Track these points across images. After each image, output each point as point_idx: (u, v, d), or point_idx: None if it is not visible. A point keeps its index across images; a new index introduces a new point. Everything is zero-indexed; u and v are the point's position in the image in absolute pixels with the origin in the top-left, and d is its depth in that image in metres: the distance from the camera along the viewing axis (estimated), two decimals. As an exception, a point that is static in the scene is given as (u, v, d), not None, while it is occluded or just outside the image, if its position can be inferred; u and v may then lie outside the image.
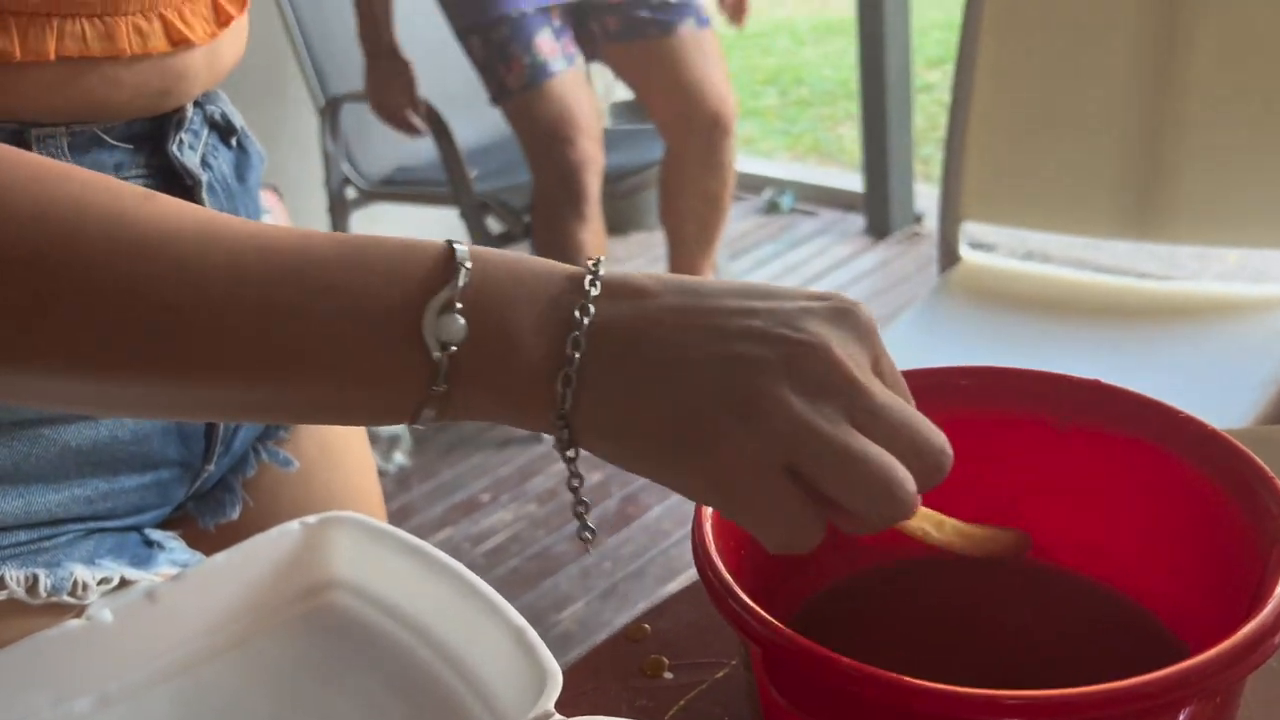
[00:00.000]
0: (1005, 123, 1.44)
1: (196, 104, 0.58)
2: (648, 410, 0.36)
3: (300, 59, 2.21)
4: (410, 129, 2.06)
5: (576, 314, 0.36)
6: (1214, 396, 1.15)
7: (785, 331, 0.36)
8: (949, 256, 1.48)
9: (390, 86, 2.01)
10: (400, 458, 2.14)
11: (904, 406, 0.37)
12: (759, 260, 2.83)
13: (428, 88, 2.05)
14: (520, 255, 0.39)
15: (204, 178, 0.57)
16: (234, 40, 0.58)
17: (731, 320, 0.36)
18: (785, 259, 2.83)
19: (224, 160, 0.59)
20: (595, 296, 0.37)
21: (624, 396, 0.36)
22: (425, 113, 2.04)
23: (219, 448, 0.62)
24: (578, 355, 0.36)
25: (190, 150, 0.57)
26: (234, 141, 0.61)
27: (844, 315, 0.37)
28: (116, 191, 0.37)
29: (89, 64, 0.50)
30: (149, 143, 0.55)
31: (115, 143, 0.54)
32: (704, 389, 0.35)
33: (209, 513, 0.64)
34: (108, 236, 0.36)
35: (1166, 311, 1.37)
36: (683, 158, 2.06)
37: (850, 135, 3.79)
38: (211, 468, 0.62)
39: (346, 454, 0.69)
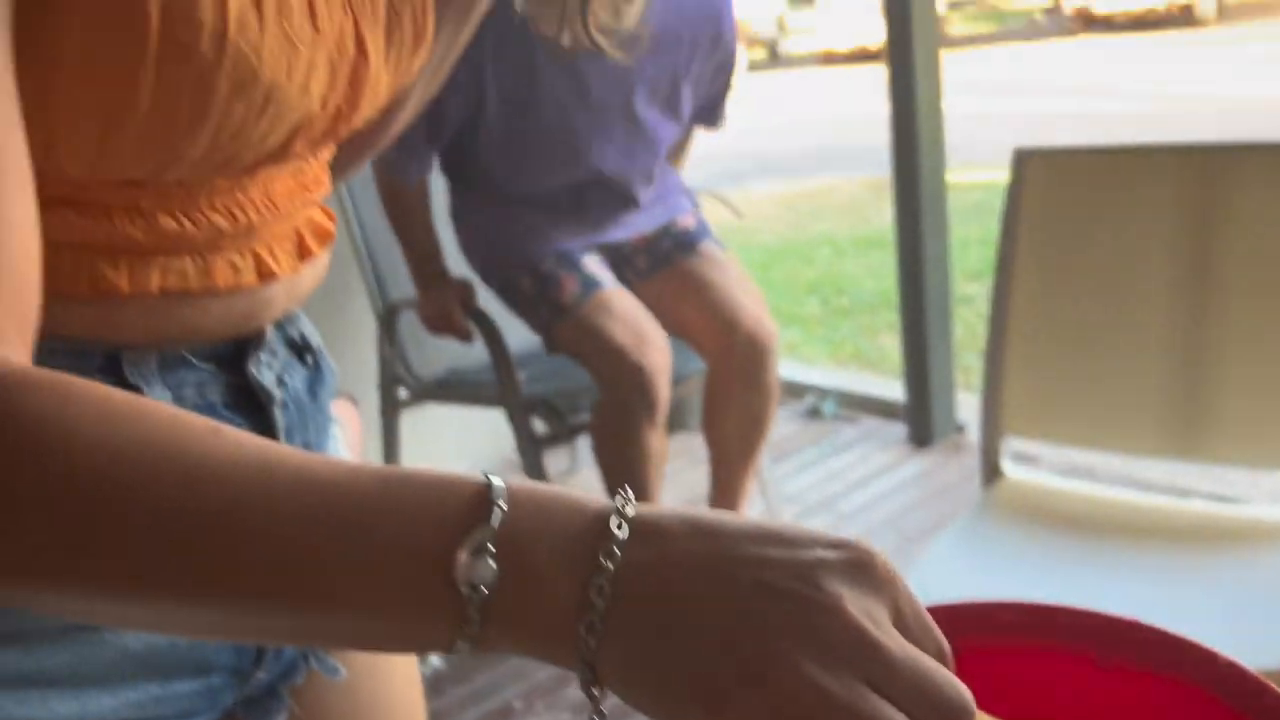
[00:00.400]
0: (1044, 338, 1.47)
1: (276, 325, 0.62)
2: (663, 663, 0.36)
3: (363, 267, 2.33)
4: (463, 335, 2.14)
5: (602, 558, 0.37)
6: (1260, 627, 1.13)
7: (800, 588, 0.36)
8: (991, 472, 1.49)
9: (443, 307, 2.11)
10: (434, 660, 2.11)
11: (920, 663, 0.36)
12: (801, 465, 2.84)
13: (479, 292, 2.14)
14: (549, 490, 0.40)
15: (278, 396, 0.60)
16: (314, 270, 0.62)
17: (747, 571, 0.37)
18: (827, 465, 2.83)
19: (298, 378, 0.63)
20: (621, 541, 0.37)
21: (642, 646, 0.37)
22: (476, 317, 2.12)
23: (270, 654, 0.63)
24: (602, 603, 0.37)
25: (267, 369, 0.60)
26: (309, 360, 0.65)
27: (861, 568, 0.37)
28: (183, 430, 0.40)
29: (186, 296, 0.54)
30: (230, 362, 0.59)
31: (199, 363, 0.57)
32: (715, 648, 0.36)
33: (255, 718, 0.64)
34: (168, 474, 0.38)
35: (1213, 535, 1.36)
36: (725, 377, 2.10)
37: (891, 344, 3.85)
38: (262, 674, 0.63)
39: (393, 664, 0.70)
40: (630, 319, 1.99)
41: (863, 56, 13.59)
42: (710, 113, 2.17)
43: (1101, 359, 1.44)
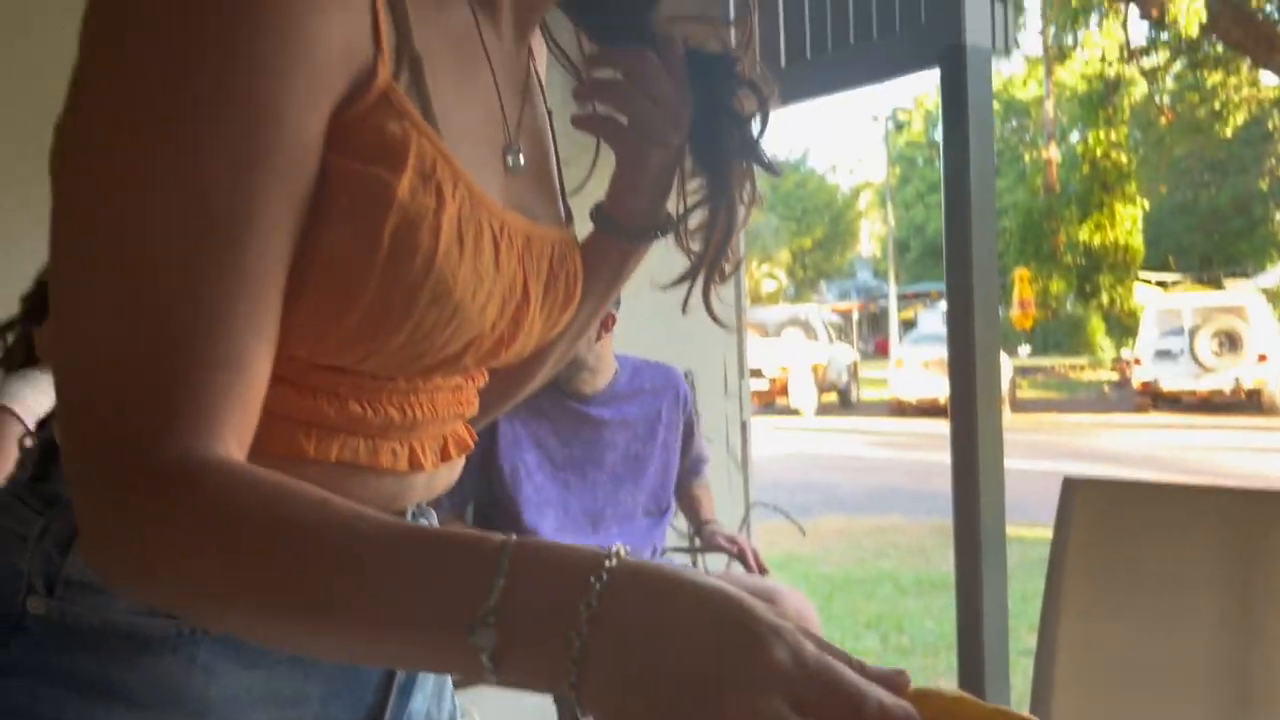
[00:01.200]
0: (1092, 659, 1.50)
1: (413, 514, 0.74)
2: (623, 704, 0.46)
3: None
4: None
5: (572, 638, 0.47)
6: None
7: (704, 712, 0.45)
8: (1041, 795, 1.48)
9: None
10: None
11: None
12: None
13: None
14: (547, 553, 0.50)
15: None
16: (449, 472, 0.75)
17: (678, 670, 0.46)
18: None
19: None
20: (594, 599, 0.47)
21: (609, 684, 0.46)
22: None
23: None
24: (579, 643, 0.47)
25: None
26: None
27: (756, 684, 0.45)
28: (309, 503, 0.54)
29: (353, 470, 0.67)
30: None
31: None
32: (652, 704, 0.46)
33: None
34: (294, 536, 0.52)
35: None
36: None
37: (950, 689, 3.77)
38: None
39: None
40: None
41: (931, 410, 13.98)
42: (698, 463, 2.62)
43: (1148, 686, 1.46)
